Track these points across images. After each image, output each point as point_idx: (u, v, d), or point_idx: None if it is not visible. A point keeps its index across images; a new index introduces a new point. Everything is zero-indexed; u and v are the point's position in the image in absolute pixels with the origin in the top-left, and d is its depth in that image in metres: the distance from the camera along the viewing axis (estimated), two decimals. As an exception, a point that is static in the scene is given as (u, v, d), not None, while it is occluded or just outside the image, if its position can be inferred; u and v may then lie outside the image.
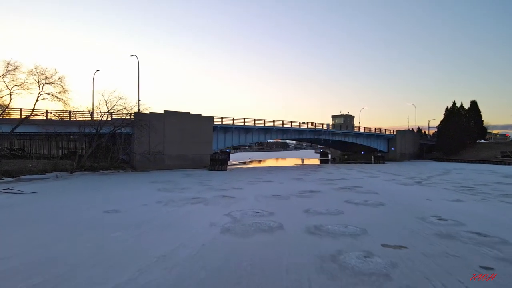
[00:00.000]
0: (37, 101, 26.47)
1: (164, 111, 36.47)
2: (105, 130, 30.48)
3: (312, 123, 56.19)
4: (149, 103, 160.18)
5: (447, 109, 71.61)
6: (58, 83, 27.21)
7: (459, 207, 13.52)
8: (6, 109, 25.97)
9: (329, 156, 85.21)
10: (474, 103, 72.99)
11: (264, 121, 48.46)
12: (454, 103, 71.76)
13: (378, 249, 7.42)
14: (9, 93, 25.63)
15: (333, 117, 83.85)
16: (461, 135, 65.06)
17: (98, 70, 57.94)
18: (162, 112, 36.35)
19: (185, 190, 18.48)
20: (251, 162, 65.75)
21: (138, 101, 36.43)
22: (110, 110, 30.86)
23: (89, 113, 31.59)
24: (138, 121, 32.35)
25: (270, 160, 79.37)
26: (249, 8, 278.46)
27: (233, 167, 45.19)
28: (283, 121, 51.23)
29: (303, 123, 54.58)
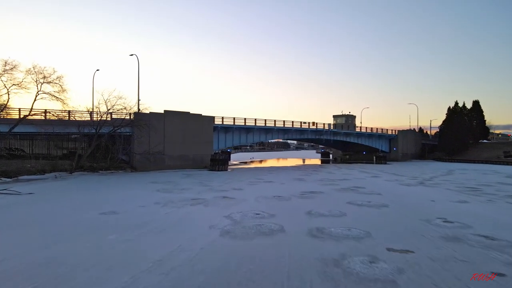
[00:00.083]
0: (35, 101, 26.29)
1: (164, 110, 36.23)
2: (105, 130, 30.24)
3: (313, 123, 55.94)
4: (149, 103, 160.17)
5: (449, 109, 71.20)
6: (56, 82, 27.04)
7: (464, 208, 13.23)
8: (4, 108, 25.65)
9: (330, 156, 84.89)
10: (476, 103, 72.64)
11: (265, 121, 48.20)
12: (456, 103, 71.39)
13: (383, 253, 7.17)
14: (7, 92, 25.44)
15: (335, 117, 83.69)
16: (464, 135, 64.64)
17: (98, 69, 58.05)
18: (162, 112, 36.12)
19: (185, 190, 18.23)
20: (252, 162, 65.53)
21: (138, 100, 36.23)
22: (109, 109, 30.66)
23: (89, 112, 31.34)
24: (138, 121, 32.10)
25: (271, 160, 79.11)
26: (250, 7, 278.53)
27: (234, 167, 44.95)
28: (284, 121, 51.00)
29: (305, 123, 54.35)
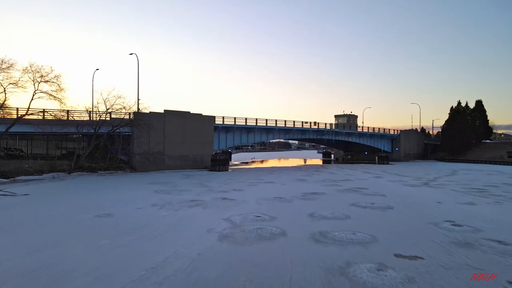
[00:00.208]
0: (32, 100, 25.82)
1: (164, 110, 35.81)
2: (104, 129, 29.82)
3: (315, 123, 55.47)
4: (149, 103, 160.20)
5: (452, 109, 70.52)
6: (54, 81, 26.54)
7: (473, 210, 12.77)
8: (0, 108, 25.26)
9: (332, 156, 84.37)
10: (479, 103, 71.92)
11: (266, 120, 47.76)
12: (459, 103, 70.71)
13: (391, 260, 6.74)
14: (3, 91, 25.06)
15: (336, 116, 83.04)
16: (467, 135, 63.99)
17: (97, 69, 57.64)
18: (162, 111, 35.69)
19: (184, 192, 17.81)
20: (253, 162, 65.06)
21: (137, 100, 35.86)
22: (108, 109, 30.23)
23: (87, 112, 30.94)
24: (137, 120, 31.68)
25: (272, 160, 78.61)
26: (250, 7, 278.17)
27: (234, 167, 44.51)
28: (285, 121, 50.54)
29: (306, 122, 53.89)
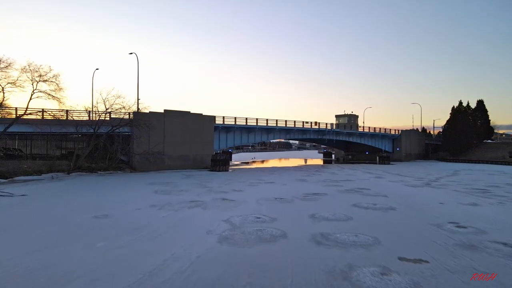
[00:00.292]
0: (30, 99, 25.65)
1: (164, 110, 35.65)
2: (103, 129, 29.64)
3: (315, 123, 55.28)
4: (149, 103, 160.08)
5: (453, 109, 70.32)
6: (52, 81, 26.35)
7: (476, 211, 12.58)
8: (-2, 107, 25.17)
9: (332, 156, 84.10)
10: (480, 102, 71.70)
11: (266, 120, 47.58)
12: (460, 103, 70.53)
13: (395, 264, 6.57)
14: (1, 90, 24.86)
15: (337, 116, 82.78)
16: (468, 135, 63.75)
17: (97, 68, 57.55)
18: (162, 111, 35.54)
19: (183, 192, 17.64)
20: (253, 162, 64.90)
21: (137, 99, 35.70)
22: (108, 109, 30.08)
23: (87, 112, 30.78)
24: (137, 120, 31.51)
25: (272, 160, 78.43)
26: (250, 7, 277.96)
27: (235, 167, 44.33)
28: (286, 121, 50.36)
29: (307, 122, 53.70)
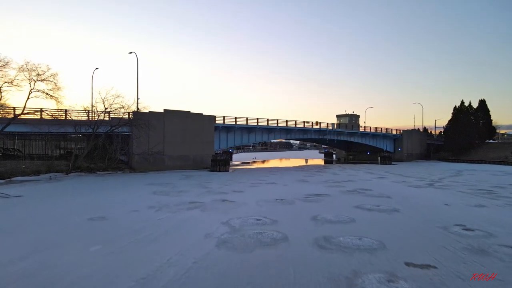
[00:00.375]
0: (28, 99, 25.34)
1: (164, 110, 35.37)
2: (102, 129, 29.36)
3: (316, 123, 54.95)
4: (149, 102, 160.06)
5: (455, 108, 69.94)
6: (50, 80, 26.07)
7: (483, 213, 12.22)
8: (-4, 107, 24.88)
9: (334, 156, 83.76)
10: (482, 102, 71.30)
11: (267, 120, 47.26)
12: (462, 102, 70.15)
13: (402, 269, 6.24)
14: None
15: (338, 116, 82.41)
16: (470, 134, 63.34)
17: (97, 68, 57.35)
18: (162, 111, 35.25)
19: (183, 193, 17.32)
20: (254, 162, 64.62)
21: (137, 99, 35.42)
22: (107, 108, 29.79)
23: (86, 112, 30.50)
24: (136, 120, 31.21)
25: (273, 160, 78.09)
26: (250, 7, 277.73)
27: (235, 167, 44.02)
28: (287, 121, 50.06)
29: (308, 122, 53.37)
